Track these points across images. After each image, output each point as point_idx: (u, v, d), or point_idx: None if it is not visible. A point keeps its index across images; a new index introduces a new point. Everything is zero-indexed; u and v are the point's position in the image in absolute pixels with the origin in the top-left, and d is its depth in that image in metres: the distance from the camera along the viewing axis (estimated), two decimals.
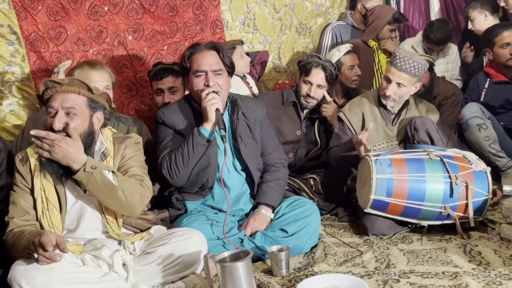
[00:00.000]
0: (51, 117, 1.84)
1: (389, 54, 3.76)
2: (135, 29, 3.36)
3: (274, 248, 2.17)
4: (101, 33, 3.25)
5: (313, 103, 3.02)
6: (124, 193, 1.84)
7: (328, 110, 3.04)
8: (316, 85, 2.99)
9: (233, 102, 2.45)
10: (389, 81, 2.66)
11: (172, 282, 1.91)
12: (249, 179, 2.44)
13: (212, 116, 2.22)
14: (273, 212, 2.41)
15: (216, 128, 2.23)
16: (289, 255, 2.14)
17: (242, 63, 3.40)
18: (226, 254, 1.87)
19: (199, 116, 2.32)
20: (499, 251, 2.15)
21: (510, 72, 3.11)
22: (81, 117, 1.86)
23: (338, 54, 3.35)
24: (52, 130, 1.81)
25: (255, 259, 2.27)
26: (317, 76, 2.98)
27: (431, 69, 3.31)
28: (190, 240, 1.93)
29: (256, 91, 3.42)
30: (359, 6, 4.14)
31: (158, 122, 2.42)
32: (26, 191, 1.87)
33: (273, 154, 2.54)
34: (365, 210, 2.44)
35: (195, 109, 2.38)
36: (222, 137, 2.19)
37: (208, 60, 2.30)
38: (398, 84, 2.64)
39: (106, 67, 2.60)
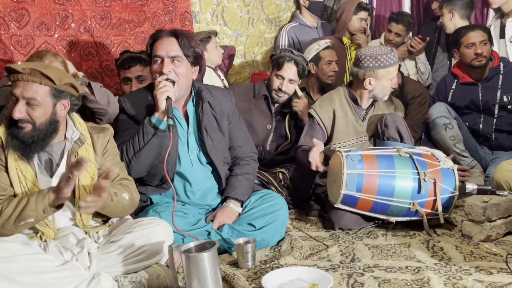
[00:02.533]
0: (13, 103, 1.79)
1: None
2: (102, 16, 3.26)
3: (241, 240, 2.14)
4: (66, 18, 3.14)
5: (284, 97, 3.02)
6: (119, 209, 1.93)
7: (299, 105, 3.04)
8: (288, 80, 2.98)
9: (199, 92, 2.37)
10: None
11: (135, 272, 1.85)
12: (216, 173, 2.40)
13: (162, 104, 2.14)
14: (241, 206, 2.38)
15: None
16: (256, 247, 2.12)
17: (216, 54, 3.36)
18: (191, 244, 1.83)
19: None
20: (460, 247, 2.19)
21: (475, 73, 3.19)
22: (42, 107, 1.80)
23: (317, 48, 3.35)
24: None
25: (221, 252, 2.24)
26: (290, 71, 2.98)
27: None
28: (155, 229, 1.89)
29: (226, 83, 3.39)
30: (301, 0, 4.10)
31: (119, 109, 2.36)
32: (1, 169, 1.81)
33: (243, 147, 2.50)
34: (336, 205, 2.45)
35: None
36: (169, 127, 2.11)
37: (166, 46, 2.22)
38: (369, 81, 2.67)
39: (58, 57, 2.46)
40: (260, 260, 2.18)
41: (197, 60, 2.29)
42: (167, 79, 2.19)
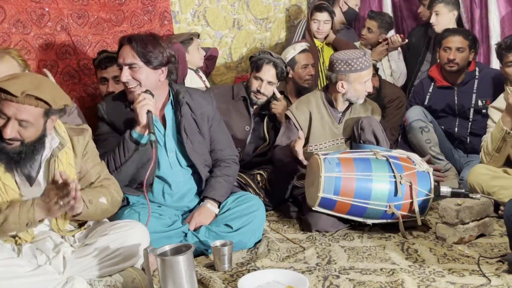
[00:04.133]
0: (3, 120, 1.72)
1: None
2: (79, 14, 3.21)
3: (218, 242, 2.14)
4: (42, 16, 3.08)
5: (263, 99, 3.02)
6: (99, 212, 1.91)
7: (278, 107, 3.05)
8: (266, 82, 2.99)
9: (177, 95, 2.34)
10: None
11: (110, 275, 1.83)
12: (197, 176, 2.39)
13: (143, 119, 2.12)
14: (219, 207, 2.37)
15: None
16: (232, 250, 2.12)
17: (198, 56, 3.36)
18: (167, 247, 1.82)
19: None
20: (434, 249, 2.23)
21: (451, 77, 3.24)
22: (35, 127, 1.75)
23: (293, 52, 3.35)
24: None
25: (198, 254, 2.24)
26: (268, 73, 2.98)
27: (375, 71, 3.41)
28: (130, 232, 1.87)
29: (208, 84, 3.39)
30: (341, 2, 4.04)
31: (97, 117, 2.33)
32: None
33: (225, 150, 2.49)
34: (313, 208, 2.47)
35: (131, 102, 2.25)
36: (151, 142, 2.08)
37: (123, 54, 2.20)
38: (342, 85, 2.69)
39: (13, 54, 2.33)
40: (237, 262, 2.18)
41: (160, 63, 2.21)
42: (146, 91, 2.17)
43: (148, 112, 2.13)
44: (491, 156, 2.61)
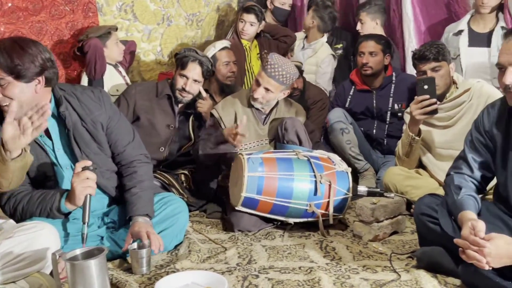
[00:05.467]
0: None
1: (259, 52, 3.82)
2: None
3: (135, 245, 2.07)
4: None
5: (188, 97, 2.97)
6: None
7: (204, 106, 3.02)
8: (192, 80, 2.94)
9: (58, 105, 2.05)
10: (258, 84, 2.72)
11: (14, 282, 1.70)
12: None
13: (80, 201, 1.93)
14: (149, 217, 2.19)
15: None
16: (151, 252, 2.06)
17: (117, 50, 3.27)
18: (78, 251, 1.73)
19: None
20: (350, 247, 2.30)
21: (368, 80, 3.39)
22: None
23: (213, 49, 3.34)
24: None
25: (116, 258, 2.16)
26: (194, 71, 2.94)
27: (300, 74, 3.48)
28: (38, 234, 1.75)
29: (128, 80, 3.28)
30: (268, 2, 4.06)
31: None
32: None
33: (126, 152, 2.23)
34: (236, 208, 2.47)
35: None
36: (82, 236, 1.89)
37: None
38: (266, 89, 2.70)
39: None
40: (156, 265, 2.13)
41: (33, 73, 1.89)
42: (90, 167, 1.93)
43: (88, 196, 1.92)
44: (402, 161, 2.76)
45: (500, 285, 1.69)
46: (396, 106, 3.29)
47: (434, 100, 2.51)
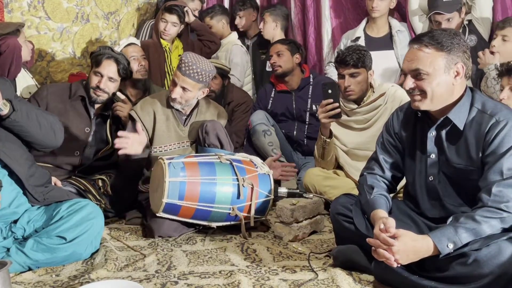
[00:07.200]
0: None
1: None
2: None
3: None
4: None
5: (103, 96, 2.83)
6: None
7: (124, 110, 2.92)
8: (107, 77, 2.81)
9: None
10: (175, 84, 2.67)
11: None
12: (15, 176, 2.13)
13: None
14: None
15: None
16: (8, 273, 1.74)
17: (26, 50, 3.08)
18: None
19: None
20: (271, 248, 2.33)
21: (283, 81, 3.48)
22: None
23: (117, 47, 3.26)
24: None
25: (26, 271, 2.03)
26: (108, 68, 2.81)
27: (224, 76, 3.48)
28: None
29: (35, 81, 3.10)
30: None
31: None
32: None
33: None
34: (158, 214, 2.41)
35: None
36: None
37: None
38: (184, 88, 2.66)
39: None
40: (70, 275, 2.02)
41: None
42: None
43: None
44: (319, 162, 2.85)
45: (408, 279, 1.78)
46: (314, 107, 3.39)
47: (336, 104, 2.56)
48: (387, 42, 3.57)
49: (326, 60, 3.91)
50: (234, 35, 4.16)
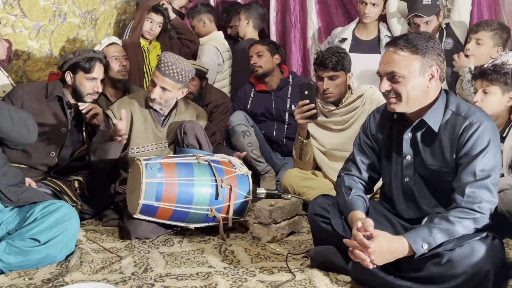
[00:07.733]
0: None
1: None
2: None
3: None
4: None
5: (96, 97, 2.83)
6: None
7: (99, 118, 2.88)
8: (99, 80, 2.80)
9: None
10: (154, 84, 2.64)
11: None
12: None
13: None
14: None
15: None
16: None
17: (2, 48, 3.01)
18: None
19: None
20: (249, 249, 2.32)
21: (263, 81, 3.48)
22: None
23: (99, 46, 3.22)
24: None
25: None
26: (100, 71, 2.80)
27: (203, 78, 3.46)
28: None
29: (11, 80, 3.04)
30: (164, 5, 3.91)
31: None
32: None
33: None
34: (134, 216, 2.38)
35: None
36: None
37: None
38: (163, 88, 2.64)
39: None
40: (43, 279, 1.98)
41: None
42: None
43: None
44: (297, 163, 2.86)
45: (384, 279, 1.79)
46: (293, 107, 3.37)
47: (312, 105, 2.56)
48: (374, 46, 3.57)
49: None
50: (216, 34, 4.08)
